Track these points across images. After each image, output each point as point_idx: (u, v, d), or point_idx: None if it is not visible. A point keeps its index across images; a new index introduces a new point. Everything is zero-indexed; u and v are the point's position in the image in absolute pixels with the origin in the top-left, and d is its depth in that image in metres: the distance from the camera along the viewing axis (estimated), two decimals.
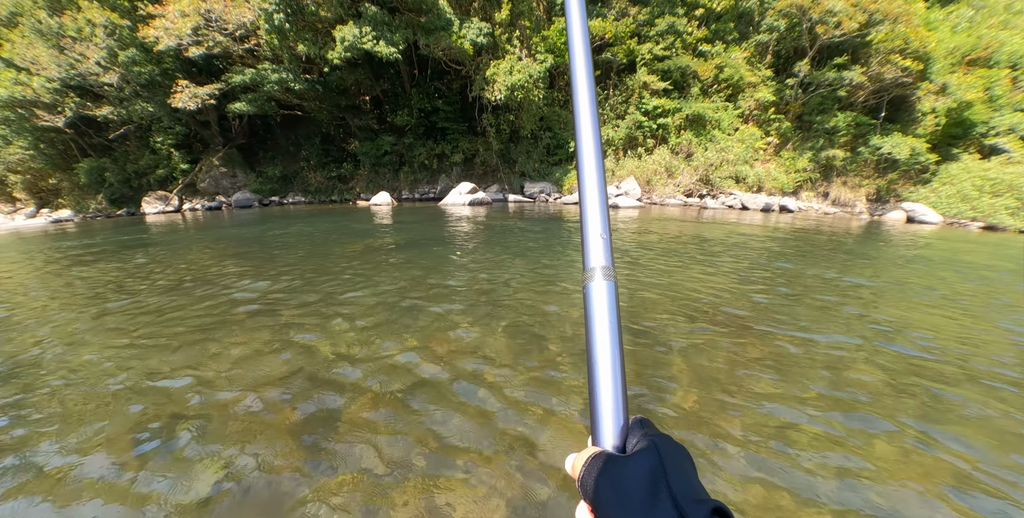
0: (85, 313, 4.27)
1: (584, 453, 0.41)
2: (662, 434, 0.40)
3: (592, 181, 0.51)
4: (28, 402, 2.59)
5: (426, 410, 2.41)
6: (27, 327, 3.94)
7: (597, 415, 0.43)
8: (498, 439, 2.16)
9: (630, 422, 0.43)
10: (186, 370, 2.95)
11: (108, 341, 3.50)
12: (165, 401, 2.57)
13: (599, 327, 0.45)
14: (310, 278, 5.32)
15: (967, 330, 3.76)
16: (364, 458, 2.05)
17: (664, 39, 19.79)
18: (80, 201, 19.84)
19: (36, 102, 16.84)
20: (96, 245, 9.43)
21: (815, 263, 6.51)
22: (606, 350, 0.44)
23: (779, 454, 2.06)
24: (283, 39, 16.12)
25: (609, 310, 0.46)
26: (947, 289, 5.21)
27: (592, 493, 0.37)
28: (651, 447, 0.38)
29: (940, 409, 2.48)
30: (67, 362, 3.15)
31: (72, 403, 2.56)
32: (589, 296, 0.47)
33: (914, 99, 17.01)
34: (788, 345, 3.30)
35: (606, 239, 0.49)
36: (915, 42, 15.34)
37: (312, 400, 2.54)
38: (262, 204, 21.08)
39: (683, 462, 0.37)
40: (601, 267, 0.47)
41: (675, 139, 19.85)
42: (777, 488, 1.85)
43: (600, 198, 0.50)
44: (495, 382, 2.69)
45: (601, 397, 0.43)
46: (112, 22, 16.38)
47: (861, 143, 17.56)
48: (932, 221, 14.99)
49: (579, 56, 0.55)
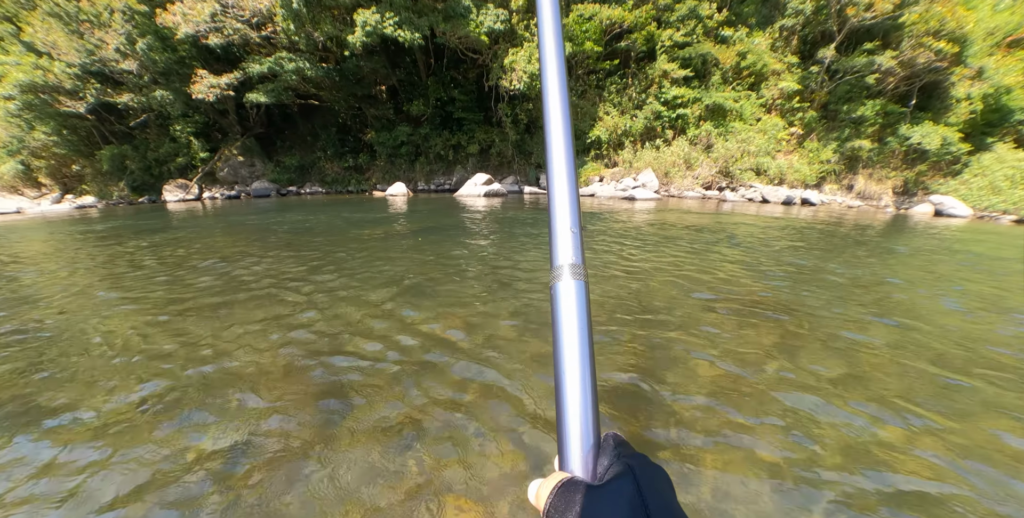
0: (108, 284, 4.35)
1: (550, 480, 0.36)
2: (637, 454, 0.37)
3: (561, 170, 0.47)
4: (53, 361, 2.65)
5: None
6: (52, 298, 4.03)
7: (564, 434, 0.38)
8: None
9: (601, 440, 0.38)
10: (202, 339, 2.99)
11: (141, 313, 3.56)
12: (183, 362, 2.60)
13: (567, 332, 0.40)
14: (334, 260, 5.35)
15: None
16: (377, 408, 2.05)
17: (685, 24, 19.26)
18: (103, 188, 20.21)
19: (58, 87, 17.07)
20: (119, 229, 9.61)
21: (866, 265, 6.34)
22: (575, 359, 0.39)
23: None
24: (300, 25, 16.05)
25: (579, 313, 0.41)
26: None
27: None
28: (626, 472, 0.34)
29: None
30: (89, 331, 3.20)
31: (93, 364, 2.61)
32: (556, 297, 0.42)
33: (947, 85, 16.35)
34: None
35: (576, 234, 0.45)
36: (951, 22, 14.64)
37: (326, 365, 2.55)
38: (279, 193, 21.27)
39: (662, 487, 0.34)
40: (570, 265, 0.43)
41: (694, 130, 19.43)
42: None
43: (571, 189, 0.47)
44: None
45: (569, 413, 0.38)
46: (130, 7, 16.46)
47: (889, 133, 16.99)
48: (961, 214, 14.52)
49: (550, 47, 0.51)
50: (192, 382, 2.50)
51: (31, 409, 2.25)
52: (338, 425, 2.09)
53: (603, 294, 4.04)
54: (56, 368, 2.71)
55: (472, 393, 2.35)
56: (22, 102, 17.00)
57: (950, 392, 2.41)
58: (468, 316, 3.47)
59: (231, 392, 2.38)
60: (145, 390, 2.41)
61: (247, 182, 21.49)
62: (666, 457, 1.86)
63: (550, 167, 0.47)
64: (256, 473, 1.77)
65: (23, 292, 4.49)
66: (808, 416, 2.15)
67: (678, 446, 1.93)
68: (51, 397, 2.35)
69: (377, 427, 2.06)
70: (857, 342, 3.06)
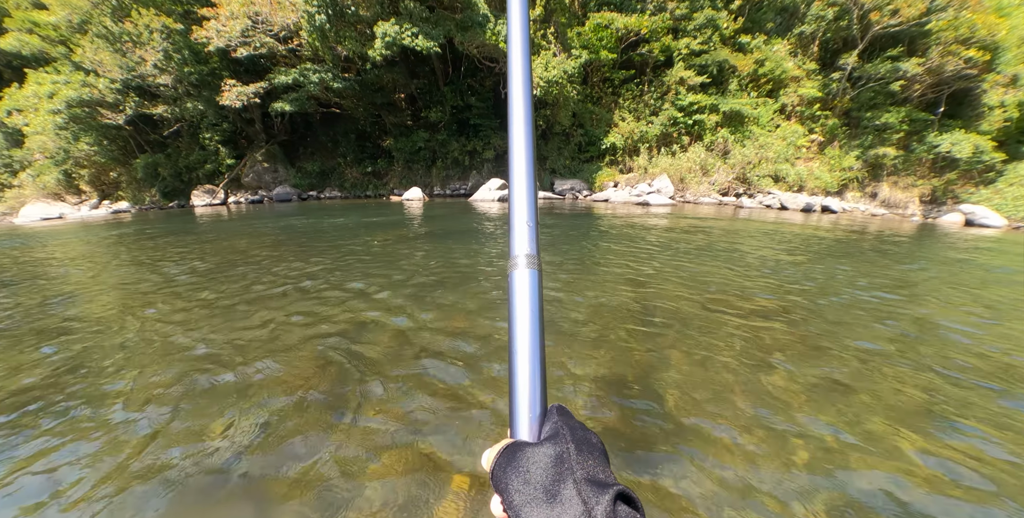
0: (142, 282, 4.63)
1: (498, 445, 0.40)
2: (575, 421, 0.41)
3: (520, 168, 0.50)
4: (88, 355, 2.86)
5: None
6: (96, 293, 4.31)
7: (515, 405, 0.42)
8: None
9: (548, 411, 0.42)
10: (224, 334, 3.17)
11: (172, 306, 3.79)
12: (211, 354, 2.77)
13: (519, 315, 0.44)
14: (348, 261, 5.55)
15: None
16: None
17: (702, 33, 19.22)
18: (137, 194, 21.27)
19: (101, 101, 18.17)
20: (149, 230, 10.12)
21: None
22: (525, 338, 0.44)
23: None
24: (324, 39, 16.70)
25: (531, 298, 0.45)
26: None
27: (502, 485, 0.36)
28: (559, 434, 0.38)
29: None
30: (130, 323, 3.43)
31: (132, 353, 2.80)
32: (513, 284, 0.46)
33: (979, 92, 15.85)
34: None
35: (532, 227, 0.48)
36: (982, 30, 14.24)
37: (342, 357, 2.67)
38: (300, 198, 21.96)
39: (591, 448, 0.37)
40: (526, 255, 0.46)
41: (711, 136, 19.27)
42: None
43: (528, 186, 0.49)
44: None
45: (518, 387, 0.42)
46: (167, 27, 17.46)
47: (916, 140, 16.52)
48: (994, 224, 13.94)
49: (516, 41, 0.54)
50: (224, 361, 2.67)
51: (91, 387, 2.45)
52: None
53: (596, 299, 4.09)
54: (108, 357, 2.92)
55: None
56: (68, 115, 18.15)
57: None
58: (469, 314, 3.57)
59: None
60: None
61: (270, 187, 22.27)
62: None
63: (511, 167, 0.50)
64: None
65: (67, 289, 4.83)
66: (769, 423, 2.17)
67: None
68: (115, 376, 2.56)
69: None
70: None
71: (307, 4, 15.69)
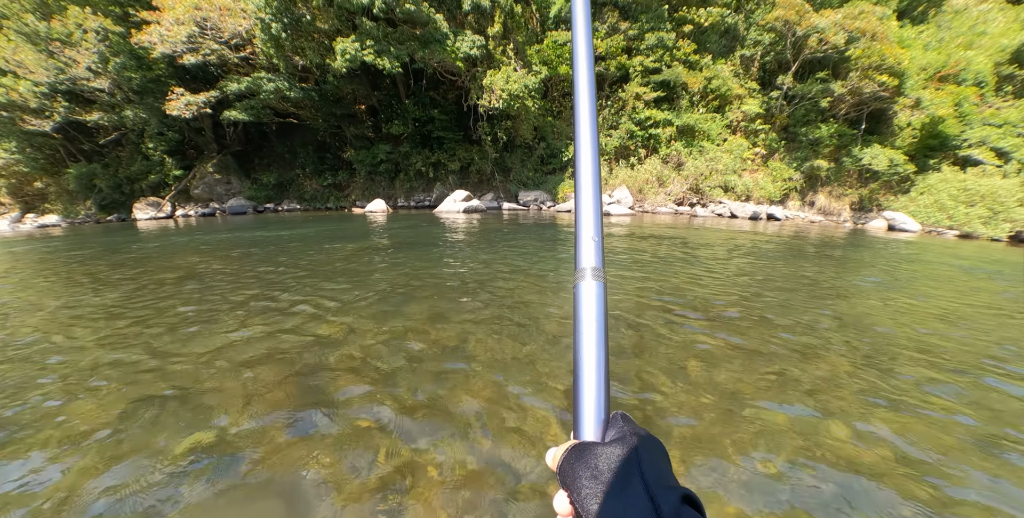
0: (76, 301, 4.30)
1: (564, 445, 0.43)
2: (639, 428, 0.43)
3: (588, 186, 0.52)
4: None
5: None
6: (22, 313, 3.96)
7: (579, 409, 0.44)
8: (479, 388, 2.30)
9: (610, 416, 0.44)
10: (181, 351, 3.03)
11: (111, 325, 3.55)
12: (167, 374, 2.65)
13: (586, 325, 0.46)
14: (303, 275, 5.41)
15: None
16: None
17: (654, 52, 20.41)
18: (69, 206, 19.52)
19: (23, 106, 16.65)
20: (83, 248, 9.34)
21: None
22: (592, 347, 0.46)
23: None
24: (279, 49, 16.26)
25: (597, 309, 0.47)
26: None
27: (569, 480, 0.39)
28: (627, 438, 0.40)
29: None
30: (60, 345, 3.19)
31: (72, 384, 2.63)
32: (579, 295, 0.48)
33: (891, 113, 17.84)
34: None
35: (598, 242, 0.50)
36: (890, 58, 16.16)
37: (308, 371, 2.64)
38: (256, 211, 21.00)
39: (657, 453, 0.40)
40: (592, 268, 0.49)
41: (666, 149, 20.37)
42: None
43: (595, 203, 0.51)
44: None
45: (584, 392, 0.44)
46: (104, 28, 16.36)
47: (844, 154, 18.25)
48: (911, 229, 15.58)
49: (582, 63, 0.57)
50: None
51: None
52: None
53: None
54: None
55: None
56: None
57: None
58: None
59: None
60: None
61: (223, 199, 21.15)
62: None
63: (579, 184, 0.52)
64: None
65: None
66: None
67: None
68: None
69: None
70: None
71: (260, 12, 15.26)
